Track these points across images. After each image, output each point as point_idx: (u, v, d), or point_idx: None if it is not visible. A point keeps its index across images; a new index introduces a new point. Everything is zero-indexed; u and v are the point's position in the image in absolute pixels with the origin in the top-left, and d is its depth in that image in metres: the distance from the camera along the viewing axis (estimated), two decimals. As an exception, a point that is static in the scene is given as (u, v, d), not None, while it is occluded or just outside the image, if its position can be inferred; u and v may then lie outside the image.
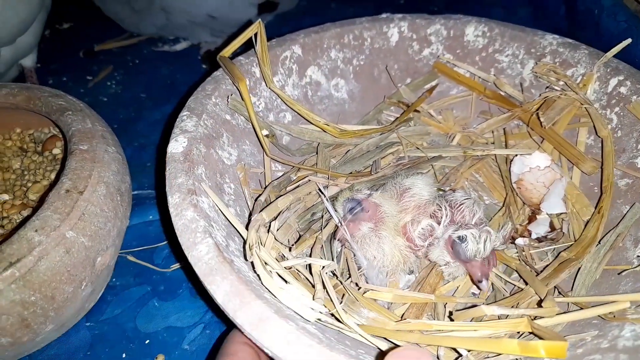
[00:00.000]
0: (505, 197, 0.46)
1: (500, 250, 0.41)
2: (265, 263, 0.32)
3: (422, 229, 0.39)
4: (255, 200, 0.41)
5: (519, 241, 0.42)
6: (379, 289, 0.37)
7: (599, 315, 0.32)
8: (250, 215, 0.40)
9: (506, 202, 0.45)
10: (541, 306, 0.34)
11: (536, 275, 0.38)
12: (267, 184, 0.44)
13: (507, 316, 0.34)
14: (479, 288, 0.38)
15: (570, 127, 0.46)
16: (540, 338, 0.30)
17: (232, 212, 0.37)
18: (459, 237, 0.37)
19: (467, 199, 0.41)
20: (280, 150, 0.47)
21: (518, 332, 0.34)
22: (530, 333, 0.32)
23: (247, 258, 0.33)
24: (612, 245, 0.38)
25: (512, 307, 0.36)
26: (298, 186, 0.44)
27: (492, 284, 0.40)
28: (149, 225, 0.54)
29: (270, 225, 0.37)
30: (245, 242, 0.34)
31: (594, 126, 0.44)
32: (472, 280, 0.38)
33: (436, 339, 0.31)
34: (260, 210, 0.38)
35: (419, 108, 0.51)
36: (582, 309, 0.34)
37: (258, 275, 0.32)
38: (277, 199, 0.40)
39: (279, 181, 0.44)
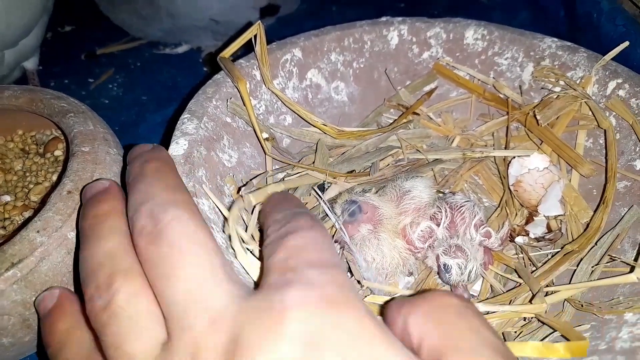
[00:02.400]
0: (502, 197, 0.46)
1: (499, 251, 0.41)
2: (243, 240, 0.32)
3: (421, 230, 0.39)
4: (246, 183, 0.41)
5: (519, 239, 0.42)
6: (379, 286, 0.38)
7: (595, 315, 0.33)
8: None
9: (502, 202, 0.45)
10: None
11: (536, 269, 0.39)
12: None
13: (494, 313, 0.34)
14: None
15: (569, 129, 0.47)
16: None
17: (232, 214, 0.37)
18: (444, 265, 0.37)
19: (467, 201, 0.41)
20: (280, 154, 0.47)
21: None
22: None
23: (225, 231, 0.33)
24: (609, 247, 0.38)
25: (504, 304, 0.37)
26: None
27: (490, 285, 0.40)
28: (150, 227, 0.54)
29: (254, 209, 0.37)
30: (226, 219, 0.34)
31: (595, 118, 0.44)
32: None
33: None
34: (249, 193, 0.37)
35: (419, 111, 0.51)
36: (578, 309, 0.34)
37: (233, 249, 0.31)
38: (268, 185, 0.40)
39: (273, 173, 0.45)
